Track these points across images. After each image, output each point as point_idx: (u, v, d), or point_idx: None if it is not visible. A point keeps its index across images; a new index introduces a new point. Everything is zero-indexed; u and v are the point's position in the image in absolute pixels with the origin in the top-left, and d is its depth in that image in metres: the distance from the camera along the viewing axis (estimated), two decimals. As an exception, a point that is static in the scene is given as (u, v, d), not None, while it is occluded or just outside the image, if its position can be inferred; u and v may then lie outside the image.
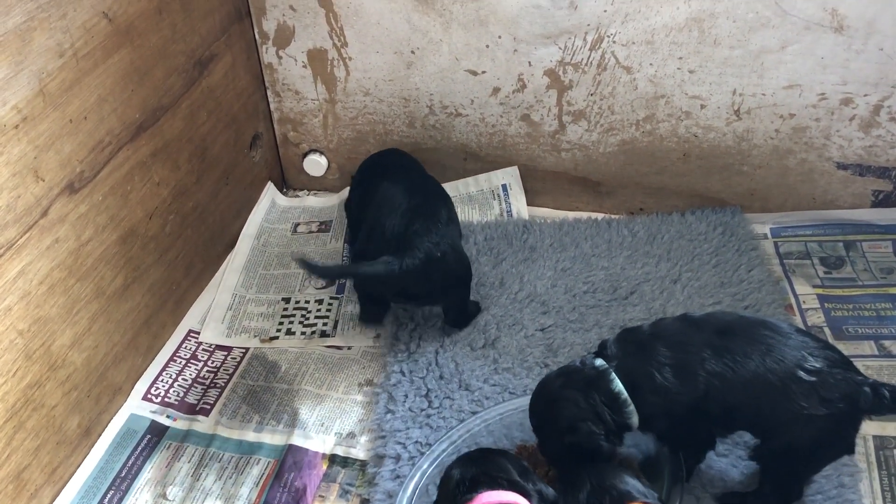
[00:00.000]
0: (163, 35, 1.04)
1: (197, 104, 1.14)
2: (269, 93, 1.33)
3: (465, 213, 1.32)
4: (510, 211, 1.32)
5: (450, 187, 1.32)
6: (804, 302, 1.16)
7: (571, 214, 1.33)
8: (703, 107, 1.19)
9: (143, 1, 1.00)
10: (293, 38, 1.27)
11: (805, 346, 0.78)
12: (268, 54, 1.29)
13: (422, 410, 1.01)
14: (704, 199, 1.28)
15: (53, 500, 0.92)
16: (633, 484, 0.74)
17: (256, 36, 1.27)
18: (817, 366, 0.77)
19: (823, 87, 1.13)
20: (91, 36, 0.91)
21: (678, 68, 1.16)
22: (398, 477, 0.93)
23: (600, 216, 1.31)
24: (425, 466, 0.93)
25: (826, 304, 1.16)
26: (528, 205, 1.34)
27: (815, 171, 1.21)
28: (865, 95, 1.13)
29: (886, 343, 1.10)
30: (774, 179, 1.23)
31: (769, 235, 1.27)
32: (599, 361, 0.83)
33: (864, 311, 1.15)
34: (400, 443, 0.97)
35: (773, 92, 1.15)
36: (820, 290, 1.18)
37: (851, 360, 1.03)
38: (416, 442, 0.97)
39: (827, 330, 1.12)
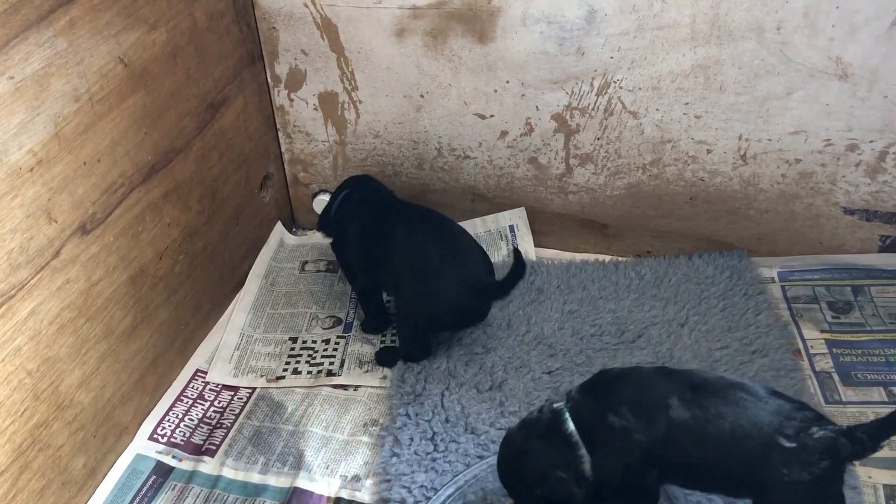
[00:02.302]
0: (176, 79, 1.06)
1: (209, 146, 1.16)
2: (280, 134, 1.35)
3: (473, 255, 1.32)
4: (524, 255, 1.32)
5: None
6: (812, 347, 1.16)
7: (579, 256, 1.33)
8: (709, 151, 1.20)
9: (159, 46, 1.02)
10: (305, 82, 1.29)
11: (781, 410, 0.77)
12: (279, 97, 1.31)
13: (427, 454, 1.00)
14: (711, 243, 1.28)
15: (58, 540, 0.92)
16: None
17: (269, 79, 1.30)
18: (795, 431, 0.76)
19: (829, 133, 1.14)
20: (107, 81, 0.93)
21: (684, 114, 1.17)
22: (403, 521, 0.93)
23: (607, 258, 1.32)
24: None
25: (834, 350, 1.15)
26: (536, 246, 1.34)
27: (821, 215, 1.22)
28: (871, 142, 1.13)
29: (895, 390, 1.09)
30: (781, 224, 1.24)
31: (776, 279, 1.27)
32: (558, 404, 0.83)
33: (874, 356, 1.14)
34: (405, 487, 0.97)
35: (779, 137, 1.16)
36: (828, 335, 1.18)
37: (861, 406, 1.03)
38: (422, 486, 0.97)
39: (835, 375, 1.12)
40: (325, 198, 1.38)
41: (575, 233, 1.33)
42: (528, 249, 1.33)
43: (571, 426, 0.80)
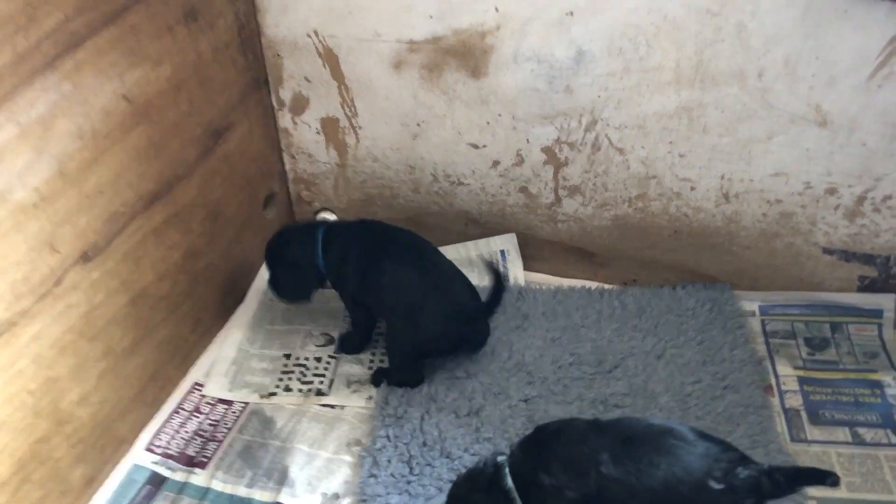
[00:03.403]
0: (180, 110, 1.12)
1: (211, 171, 1.22)
2: (284, 155, 1.41)
3: (465, 277, 1.37)
4: (507, 276, 1.37)
5: (451, 250, 1.38)
6: (784, 383, 1.20)
7: (567, 282, 1.38)
8: (692, 189, 1.23)
9: (163, 81, 1.08)
10: (307, 107, 1.34)
11: (710, 453, 0.82)
12: (284, 120, 1.37)
13: (402, 476, 1.06)
14: (695, 275, 1.32)
15: (55, 545, 0.99)
16: None
17: (274, 103, 1.35)
18: (723, 473, 0.80)
19: (809, 176, 1.17)
20: (110, 117, 0.99)
21: (669, 152, 1.21)
22: (375, 541, 0.99)
23: (594, 285, 1.36)
24: (401, 533, 0.98)
25: (805, 387, 1.19)
26: (527, 270, 1.39)
27: (801, 254, 1.25)
28: (850, 186, 1.16)
29: (861, 430, 1.12)
30: (763, 260, 1.27)
31: (757, 313, 1.30)
32: (501, 458, 0.88)
33: (843, 395, 1.17)
34: (379, 507, 1.03)
35: (761, 178, 1.19)
36: (801, 372, 1.21)
37: (825, 445, 1.07)
38: (394, 507, 1.03)
39: (804, 413, 1.16)
40: (328, 216, 1.45)
41: (564, 259, 1.38)
42: (518, 274, 1.37)
43: (510, 482, 0.86)
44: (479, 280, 1.36)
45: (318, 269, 1.18)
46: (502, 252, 1.39)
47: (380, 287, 1.15)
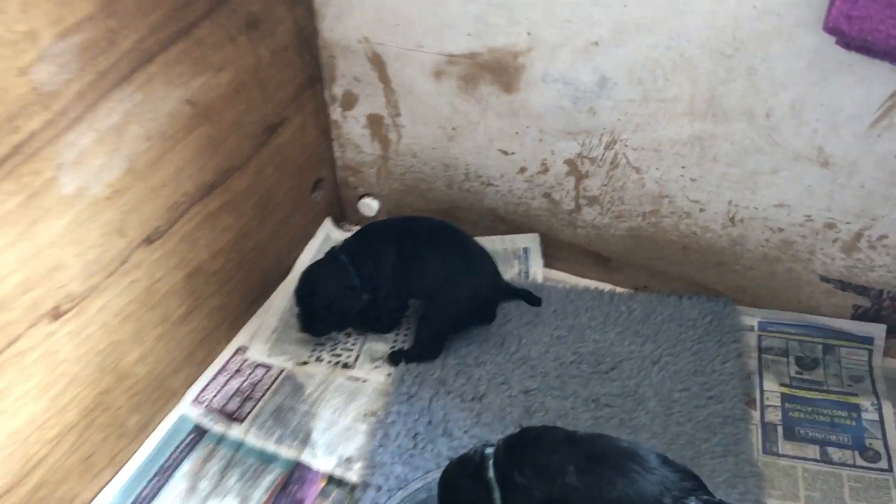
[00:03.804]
0: (238, 110, 1.26)
1: (265, 161, 1.36)
2: (334, 144, 1.54)
3: (489, 269, 1.50)
4: (528, 272, 1.49)
5: (479, 241, 1.50)
6: (767, 399, 1.29)
7: (582, 282, 1.49)
8: (702, 210, 1.32)
9: (224, 85, 1.22)
10: (356, 104, 1.47)
11: (665, 481, 0.93)
12: (335, 113, 1.50)
13: (407, 449, 1.21)
14: (701, 288, 1.41)
15: (111, 479, 1.18)
16: None
17: (327, 98, 1.48)
18: (673, 500, 0.91)
19: (810, 210, 1.24)
20: (175, 121, 1.14)
21: (681, 175, 1.29)
22: (376, 504, 1.15)
23: (607, 287, 1.46)
24: (398, 498, 1.13)
25: (787, 404, 1.28)
26: (548, 267, 1.50)
27: (800, 279, 1.33)
28: (848, 223, 1.23)
29: (830, 450, 1.22)
30: (763, 281, 1.35)
31: (756, 328, 1.39)
32: (488, 450, 1.01)
33: (820, 415, 1.27)
34: (384, 475, 1.18)
35: (765, 207, 1.27)
36: (786, 389, 1.31)
37: (793, 460, 1.18)
38: (397, 477, 1.17)
39: (780, 428, 1.25)
40: (370, 201, 1.58)
41: (581, 261, 1.48)
42: (538, 272, 1.49)
43: (491, 473, 0.99)
44: (503, 273, 1.49)
45: (356, 290, 1.31)
46: (525, 249, 1.50)
47: (422, 274, 1.30)
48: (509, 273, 1.49)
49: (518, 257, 1.50)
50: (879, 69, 1.06)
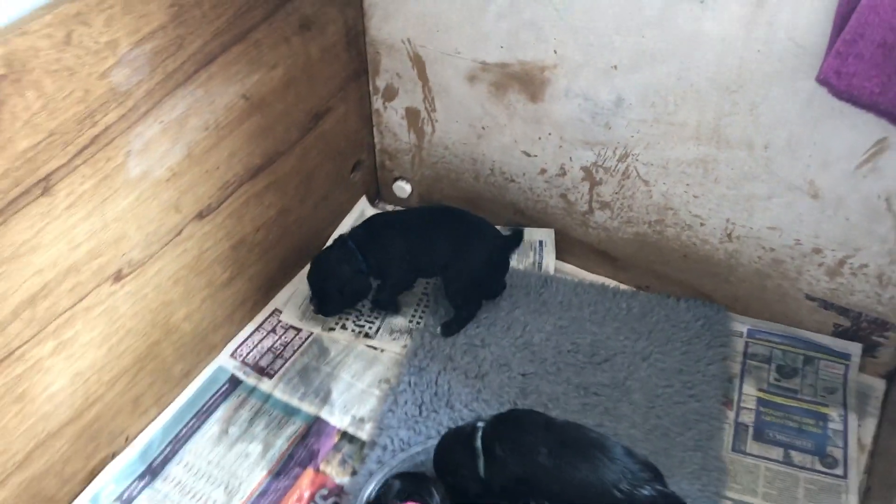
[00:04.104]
0: (288, 102, 1.41)
1: (309, 146, 1.51)
2: (374, 130, 1.68)
3: (506, 257, 1.63)
4: (541, 263, 1.62)
5: (500, 230, 1.65)
6: (744, 402, 1.42)
7: (590, 277, 1.61)
8: (702, 224, 1.43)
9: (276, 80, 1.36)
10: (397, 96, 1.60)
11: (625, 470, 1.07)
12: (377, 103, 1.63)
13: (413, 416, 1.37)
14: (698, 293, 1.53)
15: (155, 417, 1.36)
16: None
17: (370, 89, 1.61)
18: (628, 487, 1.06)
19: (799, 235, 1.35)
20: (231, 112, 1.29)
21: (685, 191, 1.40)
22: (380, 462, 1.30)
23: (612, 284, 1.59)
24: (400, 459, 1.29)
25: (761, 408, 1.40)
26: (560, 260, 1.63)
27: (787, 295, 1.44)
28: (833, 250, 1.33)
29: (793, 454, 1.34)
30: (755, 294, 1.47)
31: (745, 335, 1.50)
32: (480, 424, 1.16)
33: (790, 421, 1.39)
34: (390, 437, 1.34)
35: (759, 228, 1.38)
36: (762, 394, 1.43)
37: (757, 459, 1.30)
38: (401, 440, 1.33)
39: (751, 429, 1.38)
40: (403, 184, 1.72)
41: (591, 258, 1.61)
42: (550, 263, 1.62)
43: (479, 443, 1.14)
44: (518, 262, 1.62)
45: (364, 274, 1.46)
46: (540, 242, 1.63)
47: (432, 252, 1.44)
48: (524, 262, 1.62)
49: (534, 249, 1.63)
50: (867, 118, 1.15)
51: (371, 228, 1.48)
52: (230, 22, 1.22)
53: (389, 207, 1.78)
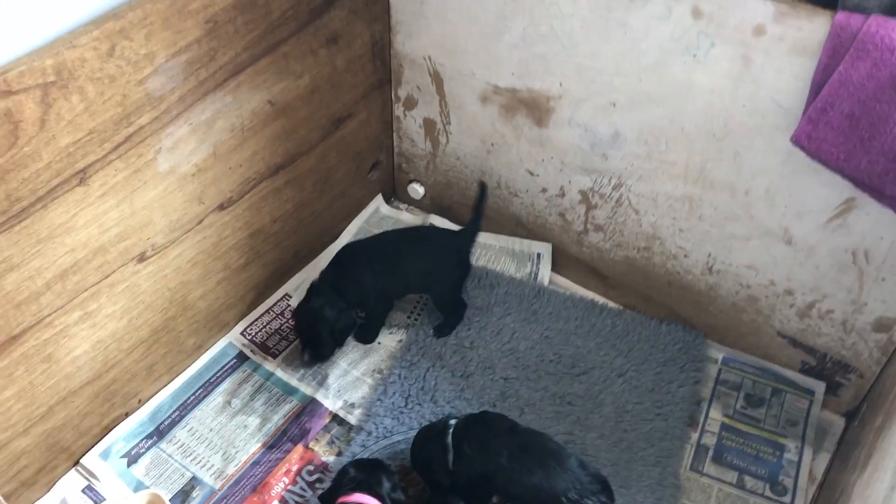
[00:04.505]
0: (311, 108, 1.52)
1: (329, 147, 1.62)
2: (394, 135, 1.79)
3: (505, 264, 1.74)
4: (537, 274, 1.72)
5: (501, 239, 1.76)
6: (709, 425, 1.51)
7: (581, 291, 1.71)
8: (686, 256, 1.52)
9: (301, 88, 1.48)
10: (416, 106, 1.71)
11: (575, 480, 1.18)
12: (397, 110, 1.74)
13: (398, 407, 1.49)
14: (679, 318, 1.62)
15: (167, 384, 1.50)
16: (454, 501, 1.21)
17: (392, 97, 1.72)
18: (576, 497, 1.17)
19: (773, 276, 1.43)
20: (256, 116, 1.41)
21: (672, 224, 1.49)
22: (364, 446, 1.43)
23: (601, 300, 1.69)
24: (381, 445, 1.42)
25: (723, 433, 1.50)
26: (555, 272, 1.74)
27: (760, 330, 1.52)
28: (803, 294, 1.42)
29: (746, 478, 1.43)
30: (731, 325, 1.56)
31: (719, 362, 1.60)
32: (452, 422, 1.28)
33: (749, 448, 1.48)
34: (375, 424, 1.46)
35: (737, 266, 1.47)
36: (726, 420, 1.52)
37: (712, 480, 1.40)
38: (385, 427, 1.46)
39: (711, 451, 1.47)
40: (417, 187, 1.84)
41: (584, 274, 1.71)
42: (546, 275, 1.72)
43: (450, 440, 1.26)
44: (516, 271, 1.73)
45: (347, 310, 1.51)
46: (538, 254, 1.74)
47: (408, 271, 1.55)
48: (521, 272, 1.73)
49: (531, 260, 1.74)
50: (838, 178, 1.23)
51: (339, 266, 1.53)
52: (261, 36, 1.33)
53: (403, 207, 1.89)
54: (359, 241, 1.63)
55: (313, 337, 1.51)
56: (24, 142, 1.06)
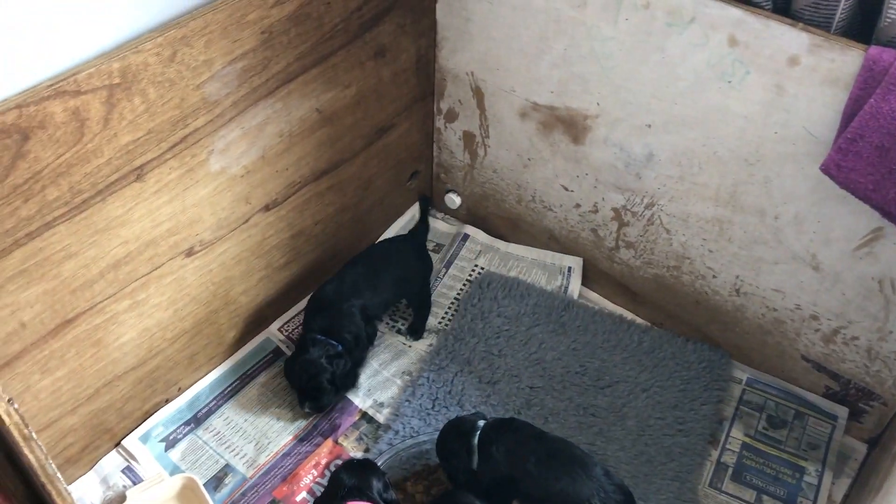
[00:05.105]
0: (356, 117, 1.59)
1: (371, 155, 1.68)
2: (434, 146, 1.85)
3: (536, 276, 1.78)
4: (567, 288, 1.76)
5: (536, 252, 1.81)
6: (730, 443, 1.54)
7: (610, 306, 1.75)
8: (714, 276, 1.55)
9: (348, 98, 1.54)
10: (456, 119, 1.76)
11: (599, 489, 1.21)
12: (438, 122, 1.80)
13: (426, 409, 1.54)
14: (706, 337, 1.65)
15: (206, 374, 1.57)
16: (473, 498, 1.25)
17: (434, 109, 1.78)
18: (601, 502, 1.20)
19: (800, 301, 1.46)
20: (304, 123, 1.47)
21: (701, 245, 1.53)
22: (390, 444, 1.48)
23: (629, 316, 1.72)
24: (407, 444, 1.47)
25: (744, 452, 1.52)
26: (585, 287, 1.77)
27: (785, 353, 1.55)
28: (829, 319, 1.44)
29: (765, 498, 1.46)
30: (756, 347, 1.58)
31: (744, 382, 1.62)
32: (480, 423, 1.32)
33: (769, 468, 1.50)
34: (402, 424, 1.51)
35: (764, 289, 1.49)
36: (748, 440, 1.54)
37: (731, 498, 1.43)
38: (412, 428, 1.51)
39: (731, 470, 1.50)
40: (454, 196, 1.89)
41: (614, 289, 1.75)
42: (575, 289, 1.76)
43: (475, 441, 1.31)
44: (546, 283, 1.77)
45: (342, 355, 1.51)
46: (569, 268, 1.78)
47: (381, 289, 1.60)
48: (552, 285, 1.77)
49: (562, 273, 1.78)
50: (866, 207, 1.26)
51: (323, 310, 1.54)
52: (312, 47, 1.40)
53: (440, 216, 1.95)
54: (326, 283, 1.60)
55: (314, 389, 1.48)
56: (88, 139, 1.14)
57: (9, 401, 0.79)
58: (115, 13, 1.14)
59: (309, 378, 1.48)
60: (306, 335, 1.52)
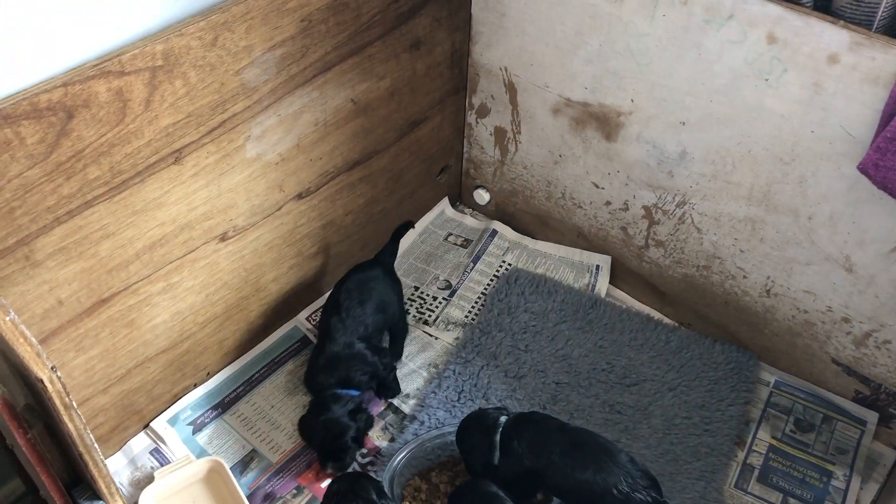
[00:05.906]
0: (390, 109, 1.60)
1: (403, 148, 1.69)
2: (465, 141, 1.86)
3: (564, 274, 1.78)
4: (594, 286, 1.76)
5: (564, 250, 1.80)
6: (756, 445, 1.53)
7: (638, 306, 1.75)
8: (745, 277, 1.54)
9: (382, 90, 1.55)
10: (488, 115, 1.77)
11: (627, 474, 1.21)
12: (470, 117, 1.80)
13: (451, 401, 1.54)
14: (734, 338, 1.64)
15: (234, 359, 1.58)
16: (496, 489, 1.25)
17: (466, 104, 1.79)
18: (626, 489, 1.20)
19: (831, 303, 1.45)
20: (339, 113, 1.49)
21: (733, 244, 1.52)
22: (416, 434, 1.48)
23: (656, 315, 1.72)
24: (432, 435, 1.47)
25: (771, 454, 1.51)
26: (612, 285, 1.77)
27: (815, 356, 1.54)
28: (860, 322, 1.43)
29: (791, 501, 1.45)
30: (785, 349, 1.57)
31: (771, 384, 1.61)
32: (503, 418, 1.32)
33: (795, 471, 1.49)
34: (428, 415, 1.52)
35: (795, 290, 1.48)
36: (775, 442, 1.53)
37: (757, 499, 1.42)
38: (436, 419, 1.51)
39: (757, 471, 1.49)
40: (483, 192, 1.89)
41: (642, 288, 1.74)
42: (603, 287, 1.76)
43: (497, 437, 1.31)
44: (574, 281, 1.77)
45: (361, 405, 1.47)
46: (597, 266, 1.78)
47: (368, 314, 1.51)
48: (579, 282, 1.77)
49: (590, 271, 1.78)
50: (903, 208, 1.25)
51: (332, 361, 1.47)
52: (350, 37, 1.41)
53: (468, 211, 1.95)
54: (318, 344, 1.53)
55: (339, 449, 1.41)
56: (129, 119, 1.15)
57: (52, 368, 0.80)
58: (160, -4, 1.16)
59: (333, 438, 1.40)
60: (322, 392, 1.45)
